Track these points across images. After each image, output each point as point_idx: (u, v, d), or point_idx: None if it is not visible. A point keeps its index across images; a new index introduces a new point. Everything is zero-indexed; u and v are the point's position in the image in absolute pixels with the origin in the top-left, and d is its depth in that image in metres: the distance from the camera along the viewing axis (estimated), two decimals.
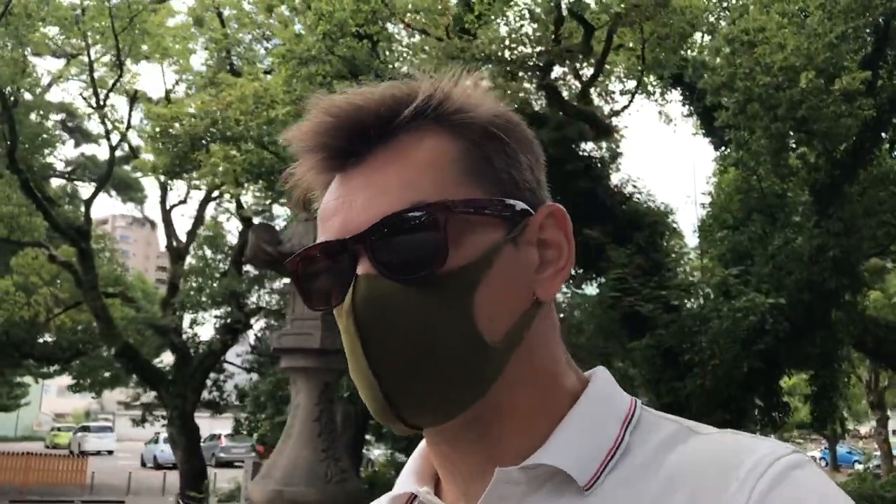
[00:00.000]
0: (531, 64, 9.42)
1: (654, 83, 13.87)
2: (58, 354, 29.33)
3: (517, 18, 9.65)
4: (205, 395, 20.66)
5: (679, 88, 15.22)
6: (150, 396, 23.14)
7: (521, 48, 9.28)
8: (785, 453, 0.71)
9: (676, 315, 11.11)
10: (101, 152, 23.80)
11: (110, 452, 42.61)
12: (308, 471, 6.68)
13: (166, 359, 21.90)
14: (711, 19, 12.62)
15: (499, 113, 0.81)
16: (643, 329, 11.39)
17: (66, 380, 48.47)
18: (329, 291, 0.77)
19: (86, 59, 17.66)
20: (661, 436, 0.77)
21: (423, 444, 0.87)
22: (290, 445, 6.90)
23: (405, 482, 0.86)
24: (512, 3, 9.39)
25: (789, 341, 11.50)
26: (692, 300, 12.69)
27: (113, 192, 24.87)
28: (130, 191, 25.35)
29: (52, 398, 69.11)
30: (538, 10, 9.00)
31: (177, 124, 8.46)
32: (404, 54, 10.06)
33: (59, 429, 53.86)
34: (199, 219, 20.54)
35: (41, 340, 29.09)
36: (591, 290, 15.73)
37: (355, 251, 0.74)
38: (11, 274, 21.39)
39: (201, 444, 42.71)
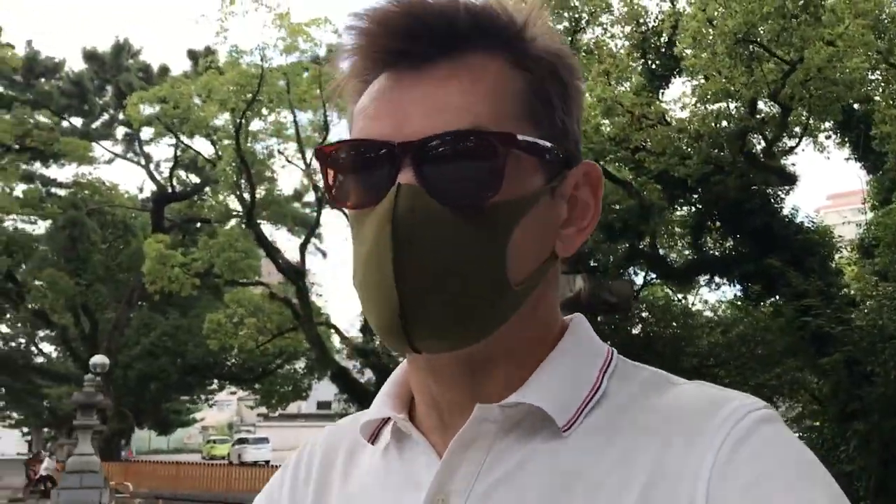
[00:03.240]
0: (730, 131, 11.54)
1: (818, 126, 15.62)
2: (244, 375, 33.06)
3: (716, 93, 11.78)
4: None
5: (832, 121, 16.86)
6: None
7: (722, 123, 11.40)
8: (757, 407, 0.71)
9: (860, 332, 12.89)
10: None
11: (267, 462, 45.18)
12: None
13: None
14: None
15: (565, 55, 0.79)
16: (828, 344, 13.18)
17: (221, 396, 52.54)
18: (358, 190, 0.75)
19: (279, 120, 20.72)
20: (637, 383, 0.78)
21: (400, 367, 0.86)
22: None
23: (380, 406, 0.84)
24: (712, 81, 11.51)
25: None
26: (861, 312, 14.36)
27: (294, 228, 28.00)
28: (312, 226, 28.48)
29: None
30: (738, 89, 11.09)
31: None
32: None
33: (214, 441, 57.45)
34: None
35: (228, 363, 32.91)
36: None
37: (401, 160, 0.71)
38: (224, 308, 24.72)
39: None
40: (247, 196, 21.07)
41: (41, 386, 34.69)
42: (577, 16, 14.56)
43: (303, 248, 21.91)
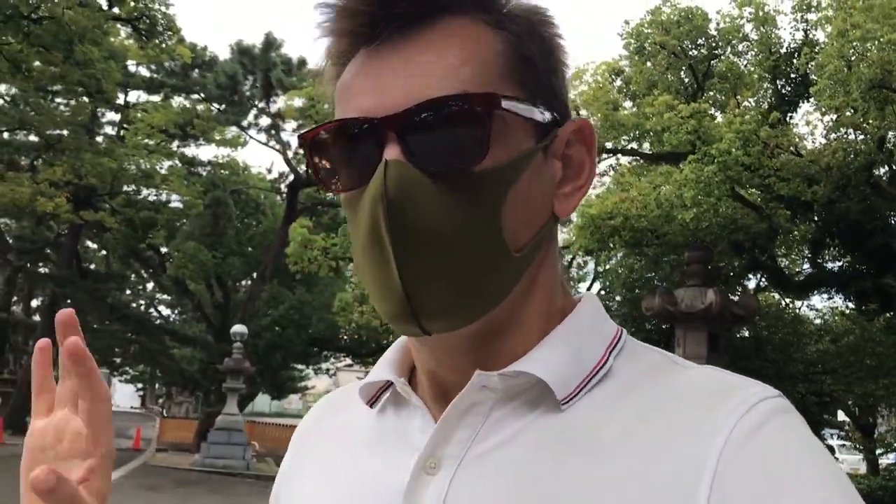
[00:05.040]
0: (858, 164, 12.55)
1: None
2: (359, 349, 35.30)
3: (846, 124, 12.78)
4: None
5: None
6: None
7: (851, 155, 12.44)
8: (772, 395, 0.69)
9: None
10: None
11: None
12: None
13: None
14: None
15: (542, 10, 0.77)
16: None
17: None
18: (346, 173, 0.73)
19: None
20: (645, 363, 0.76)
21: (402, 338, 0.84)
22: None
23: (381, 371, 0.83)
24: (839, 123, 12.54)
25: None
26: None
27: None
28: None
29: None
30: (870, 129, 12.07)
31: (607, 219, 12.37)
32: None
33: None
34: None
35: (343, 338, 35.23)
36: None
37: (385, 135, 0.68)
38: (351, 288, 26.75)
39: None
40: None
41: (170, 347, 37.73)
42: (713, 43, 15.66)
43: None
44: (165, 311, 44.90)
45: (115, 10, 20.65)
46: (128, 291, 43.43)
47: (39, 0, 19.31)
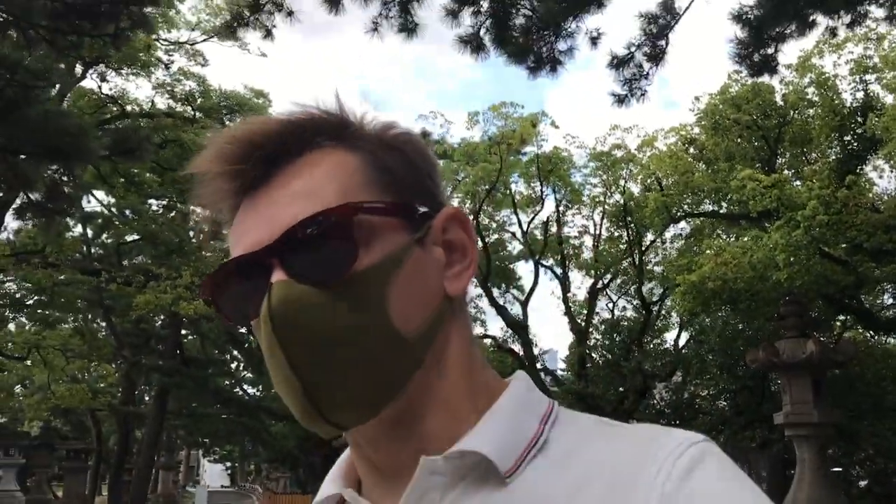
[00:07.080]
0: None
1: None
2: None
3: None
4: None
5: None
6: None
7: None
8: (699, 440, 0.74)
9: None
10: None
11: None
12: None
13: None
14: None
15: (393, 127, 0.87)
16: None
17: None
18: (247, 306, 0.78)
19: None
20: (578, 429, 0.81)
21: (347, 450, 0.89)
22: (805, 486, 11.49)
23: (327, 487, 0.87)
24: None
25: None
26: None
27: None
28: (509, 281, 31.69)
29: None
30: None
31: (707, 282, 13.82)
32: None
33: None
34: (591, 306, 26.17)
35: None
36: None
37: (268, 263, 0.75)
38: None
39: None
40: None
41: (269, 424, 39.41)
42: (781, 111, 17.11)
43: (524, 304, 25.23)
44: (250, 390, 46.76)
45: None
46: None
47: (163, 127, 21.72)
